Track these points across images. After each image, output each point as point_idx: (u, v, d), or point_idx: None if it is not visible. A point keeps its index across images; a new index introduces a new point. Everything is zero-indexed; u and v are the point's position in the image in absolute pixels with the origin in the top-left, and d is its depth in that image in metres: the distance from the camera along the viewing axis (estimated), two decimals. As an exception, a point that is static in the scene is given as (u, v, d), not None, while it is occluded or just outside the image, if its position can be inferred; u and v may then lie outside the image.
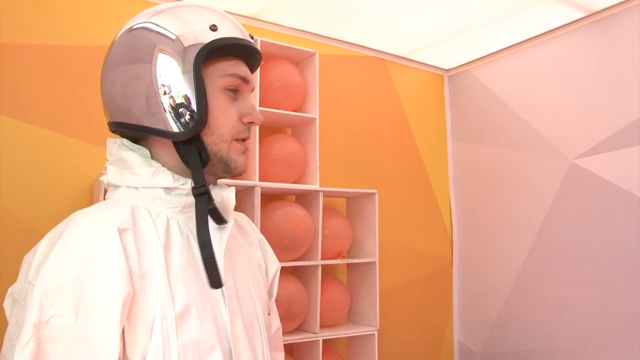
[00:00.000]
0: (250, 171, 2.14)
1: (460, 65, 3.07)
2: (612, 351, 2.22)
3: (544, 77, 2.58)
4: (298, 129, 2.43)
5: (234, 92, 0.97)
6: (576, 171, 2.41)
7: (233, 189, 1.02)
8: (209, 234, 0.92)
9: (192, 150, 0.93)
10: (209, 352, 0.88)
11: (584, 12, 2.39)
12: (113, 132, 0.99)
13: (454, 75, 3.12)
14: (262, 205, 2.14)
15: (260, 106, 2.16)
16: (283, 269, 2.24)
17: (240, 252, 1.07)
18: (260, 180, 2.12)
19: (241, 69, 0.98)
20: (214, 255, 0.90)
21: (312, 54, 2.37)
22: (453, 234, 3.01)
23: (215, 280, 0.90)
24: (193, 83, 0.91)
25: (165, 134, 0.93)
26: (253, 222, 2.02)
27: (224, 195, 1.00)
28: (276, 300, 2.07)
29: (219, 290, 0.94)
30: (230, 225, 1.00)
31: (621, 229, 2.23)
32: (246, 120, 0.97)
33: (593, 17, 2.39)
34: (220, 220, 0.97)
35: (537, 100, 2.61)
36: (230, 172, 0.98)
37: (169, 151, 0.96)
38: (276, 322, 1.21)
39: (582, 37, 2.43)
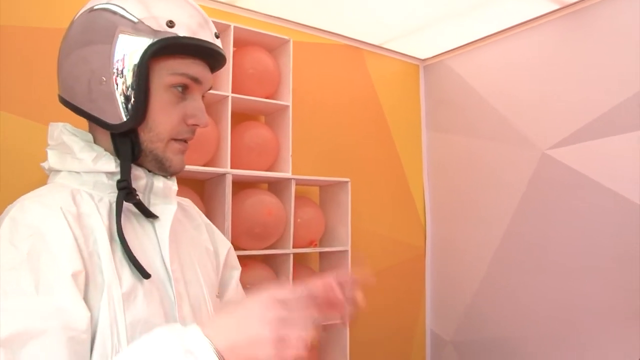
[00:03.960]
0: (221, 158, 2.12)
1: (436, 56, 3.07)
2: (580, 339, 2.25)
3: (518, 69, 2.59)
4: (271, 117, 2.41)
5: (183, 92, 0.94)
6: (547, 162, 2.43)
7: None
8: (122, 230, 0.90)
9: (126, 143, 0.92)
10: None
11: (558, 4, 2.40)
12: (64, 106, 0.97)
13: (429, 66, 3.12)
14: (234, 193, 2.12)
15: (233, 93, 2.13)
16: (254, 258, 2.25)
17: (186, 236, 1.07)
18: (231, 168, 2.10)
19: (194, 68, 0.95)
20: (130, 251, 0.89)
21: (287, 41, 2.35)
22: (426, 223, 3.02)
23: (140, 273, 0.89)
24: (136, 76, 0.89)
25: (101, 123, 0.92)
26: (224, 210, 2.04)
27: (165, 181, 0.99)
28: (246, 289, 2.07)
29: (165, 273, 0.94)
30: (173, 210, 1.00)
31: (590, 219, 2.25)
32: (190, 122, 0.96)
33: (567, 9, 2.40)
34: (146, 213, 0.97)
35: (511, 91, 2.62)
36: (165, 170, 0.97)
37: (109, 138, 0.95)
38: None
39: (556, 29, 2.44)
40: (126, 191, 0.92)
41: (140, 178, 0.95)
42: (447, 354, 2.87)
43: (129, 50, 0.89)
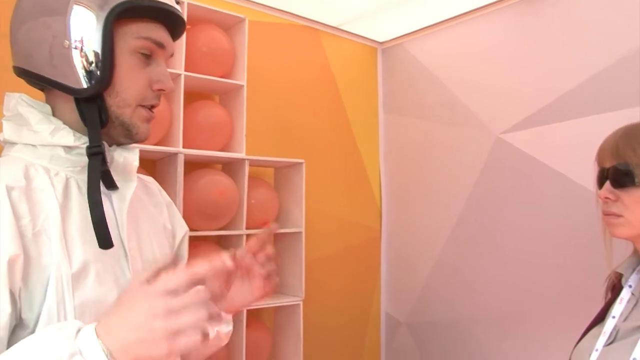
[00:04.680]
0: (173, 138, 2.08)
1: (394, 39, 3.06)
2: (533, 322, 2.29)
3: (474, 53, 2.61)
4: (226, 97, 2.38)
5: (147, 57, 0.94)
6: (501, 146, 2.46)
7: (137, 150, 1.01)
8: (100, 195, 0.89)
9: (92, 109, 0.90)
10: None
11: (514, -12, 2.42)
12: (20, 77, 0.95)
13: (387, 49, 3.12)
14: (187, 173, 2.09)
15: (185, 71, 2.10)
16: (207, 239, 2.23)
17: (145, 214, 1.05)
18: (184, 148, 2.07)
19: (157, 33, 0.95)
20: (103, 216, 0.88)
21: (242, 20, 2.31)
22: (382, 205, 3.04)
23: (104, 241, 0.87)
24: (101, 40, 0.88)
25: (65, 89, 0.89)
26: (175, 190, 2.01)
27: (126, 156, 0.98)
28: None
29: (122, 250, 0.93)
30: (133, 186, 0.98)
31: (542, 204, 2.29)
32: (156, 87, 0.95)
33: (523, -6, 2.42)
34: (110, 184, 0.95)
35: (468, 75, 2.64)
36: (132, 137, 0.95)
37: (70, 108, 0.92)
38: None
39: (513, 14, 2.46)
40: (100, 157, 0.90)
41: None
42: (401, 336, 2.90)
43: (92, 13, 0.87)
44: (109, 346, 0.70)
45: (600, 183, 1.24)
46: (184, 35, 2.08)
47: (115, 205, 0.96)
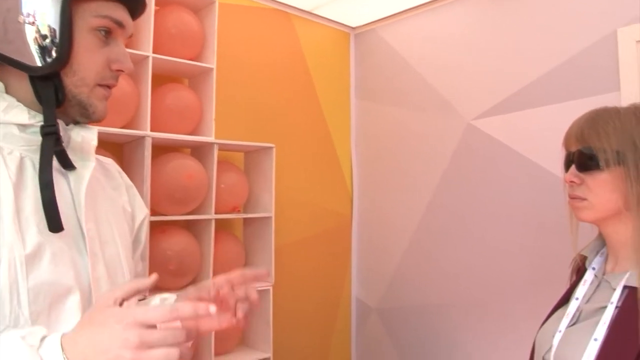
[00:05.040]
0: (141, 121, 2.05)
1: (367, 24, 3.05)
2: (502, 306, 2.32)
3: (447, 39, 2.61)
4: (195, 80, 2.34)
5: (106, 36, 0.92)
6: (472, 132, 2.47)
7: (95, 130, 0.99)
8: (51, 176, 0.86)
9: (48, 87, 0.88)
10: (64, 295, 0.85)
11: (485, -26, 2.42)
12: None
13: (360, 34, 3.11)
14: (155, 157, 2.07)
15: (154, 53, 2.06)
16: (175, 223, 2.20)
17: (104, 195, 1.03)
18: (152, 131, 2.04)
19: (117, 12, 0.93)
20: (54, 198, 0.85)
21: (212, 2, 2.27)
22: (353, 191, 3.04)
23: (54, 223, 0.85)
24: (59, 17, 0.85)
25: (20, 66, 0.86)
26: (143, 174, 1.98)
27: (84, 135, 0.96)
28: (167, 256, 2.03)
29: (79, 231, 0.91)
30: (91, 166, 0.96)
31: (511, 189, 2.31)
32: (115, 67, 0.94)
33: (494, -19, 2.43)
34: (66, 164, 0.93)
35: (439, 61, 2.64)
36: (89, 116, 0.94)
37: (25, 85, 0.89)
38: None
39: (486, 0, 2.46)
40: (54, 137, 0.88)
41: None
42: (372, 322, 2.91)
43: None
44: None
45: (567, 167, 1.25)
46: (152, 17, 2.05)
47: (72, 186, 0.94)
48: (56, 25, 0.85)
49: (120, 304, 0.75)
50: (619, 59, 1.99)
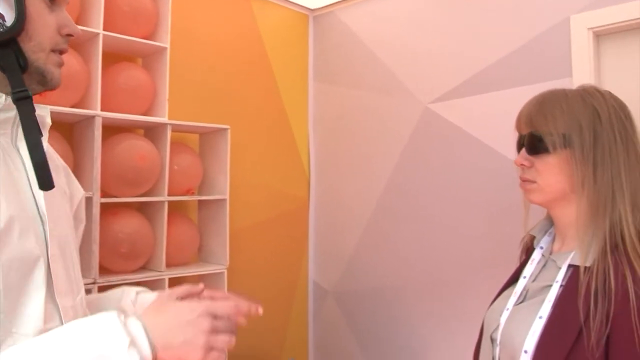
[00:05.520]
0: (91, 100, 1.99)
1: (326, 6, 3.02)
2: (457, 288, 2.34)
3: (405, 22, 2.60)
4: (148, 60, 2.29)
5: (51, 2, 0.93)
6: (429, 115, 2.48)
7: (48, 109, 0.99)
8: (39, 136, 0.89)
9: (9, 55, 0.88)
10: (32, 267, 0.86)
11: (442, -43, 2.42)
12: None
13: (318, 16, 3.08)
14: (106, 138, 2.01)
15: (104, 30, 2.00)
16: (127, 205, 2.16)
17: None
18: (102, 111, 1.98)
19: None
20: (45, 157, 0.88)
21: (166, -21, 2.22)
22: (310, 174, 3.03)
23: (46, 182, 0.88)
24: None
25: None
26: (93, 154, 1.93)
27: (39, 114, 0.95)
28: (119, 238, 1.99)
29: (35, 208, 0.91)
30: (45, 140, 0.97)
31: (467, 173, 2.33)
32: (64, 31, 0.95)
33: (451, -37, 2.43)
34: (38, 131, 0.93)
35: (397, 44, 2.63)
36: (47, 84, 0.95)
37: None
38: None
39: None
40: (30, 100, 0.89)
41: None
42: (329, 304, 2.92)
43: None
44: (154, 340, 0.83)
45: (519, 150, 1.26)
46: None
47: (27, 164, 0.93)
48: None
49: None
50: (572, 45, 2.02)
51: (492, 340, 1.23)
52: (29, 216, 0.89)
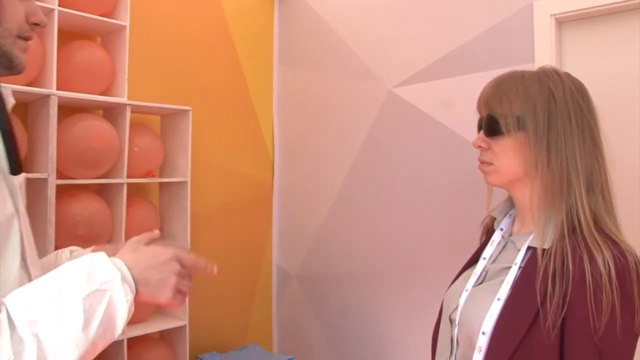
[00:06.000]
0: (46, 78, 1.93)
1: (291, -12, 2.99)
2: (421, 271, 2.36)
3: (370, 6, 2.59)
4: (108, 38, 2.23)
5: None
6: (393, 99, 2.48)
7: (9, 89, 1.03)
8: (10, 121, 0.94)
9: None
10: (8, 229, 0.92)
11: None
12: None
13: (284, -2, 3.04)
14: (63, 117, 1.96)
15: (60, 6, 1.93)
16: (85, 187, 2.11)
17: None
18: (58, 90, 1.92)
19: None
20: (17, 143, 0.94)
21: (125, -45, 2.16)
22: (274, 158, 3.00)
23: (16, 167, 0.94)
24: None
25: None
26: (48, 134, 1.87)
27: (2, 92, 1.00)
28: (76, 221, 1.95)
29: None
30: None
31: (431, 157, 2.34)
32: (32, 20, 0.97)
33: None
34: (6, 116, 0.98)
35: (362, 28, 2.62)
36: (13, 68, 0.97)
37: None
38: None
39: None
40: None
41: None
42: (292, 289, 2.91)
43: None
44: (135, 276, 0.90)
45: (479, 132, 1.26)
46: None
47: None
48: None
49: None
50: (534, 31, 2.03)
51: (451, 321, 1.23)
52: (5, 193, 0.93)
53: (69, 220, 1.95)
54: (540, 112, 1.14)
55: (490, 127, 1.20)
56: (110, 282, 0.85)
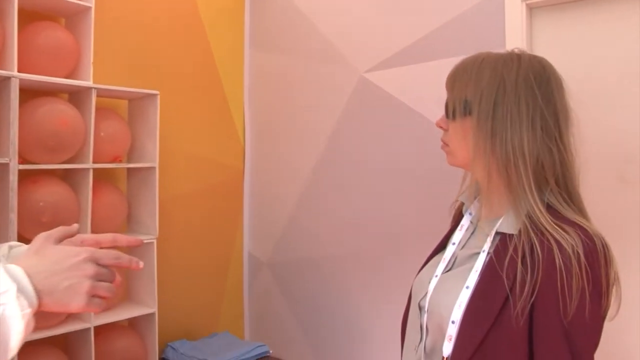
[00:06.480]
0: (6, 60, 1.87)
1: (263, -29, 2.94)
2: (393, 257, 2.35)
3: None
4: (72, 20, 2.16)
5: None
6: (364, 84, 2.46)
7: None
8: None
9: None
10: None
11: None
12: None
13: (255, -19, 3.00)
14: (26, 101, 1.90)
15: (21, -15, 1.87)
16: (50, 173, 2.05)
17: None
18: (19, 72, 1.86)
19: None
20: None
21: None
22: (245, 144, 2.96)
23: None
24: None
25: None
26: (9, 118, 1.81)
27: None
28: (39, 207, 1.91)
29: None
30: None
31: (402, 142, 2.32)
32: None
33: None
34: None
35: (335, 12, 2.59)
36: None
37: None
38: None
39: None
40: None
41: None
42: (264, 275, 2.89)
43: None
44: (38, 286, 0.80)
45: None
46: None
47: None
48: None
49: None
50: (505, 17, 2.03)
51: (420, 307, 1.23)
52: None
53: (33, 207, 1.89)
54: (486, 99, 1.13)
55: (446, 109, 1.22)
56: (4, 296, 0.76)
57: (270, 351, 2.52)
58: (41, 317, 0.82)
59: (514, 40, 1.98)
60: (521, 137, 1.10)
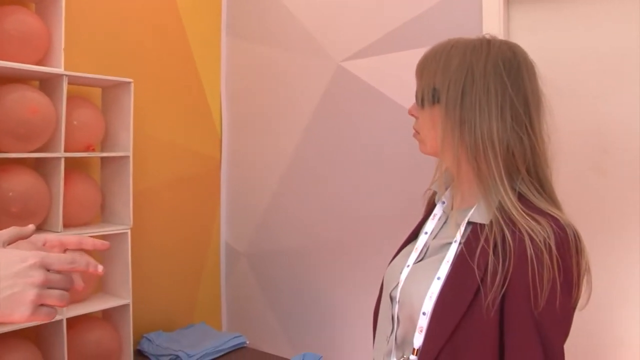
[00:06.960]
0: (-27, 46, 1.82)
1: (240, -42, 2.90)
2: (371, 248, 2.35)
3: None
4: (42, 5, 2.11)
5: None
6: (342, 73, 2.44)
7: None
8: None
9: None
10: None
11: None
12: None
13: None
14: (-7, 88, 1.86)
15: (-12, -31, 1.82)
16: (20, 162, 2.01)
17: None
18: (-13, 58, 1.82)
19: None
20: None
21: None
22: (222, 133, 2.93)
23: None
24: None
25: None
26: (-23, 105, 1.77)
27: None
28: (9, 197, 1.86)
29: None
30: None
31: (379, 132, 2.32)
32: None
33: None
34: None
35: (312, 1, 2.57)
36: None
37: None
38: None
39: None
40: None
41: None
42: (241, 266, 2.87)
43: None
44: None
45: None
46: None
47: None
48: None
49: None
50: (483, 5, 2.02)
51: (392, 298, 1.22)
52: None
53: (2, 197, 1.85)
54: (453, 87, 1.11)
55: (417, 97, 1.20)
56: None
57: (248, 342, 2.50)
58: None
59: (492, 29, 1.97)
60: (490, 125, 1.08)
